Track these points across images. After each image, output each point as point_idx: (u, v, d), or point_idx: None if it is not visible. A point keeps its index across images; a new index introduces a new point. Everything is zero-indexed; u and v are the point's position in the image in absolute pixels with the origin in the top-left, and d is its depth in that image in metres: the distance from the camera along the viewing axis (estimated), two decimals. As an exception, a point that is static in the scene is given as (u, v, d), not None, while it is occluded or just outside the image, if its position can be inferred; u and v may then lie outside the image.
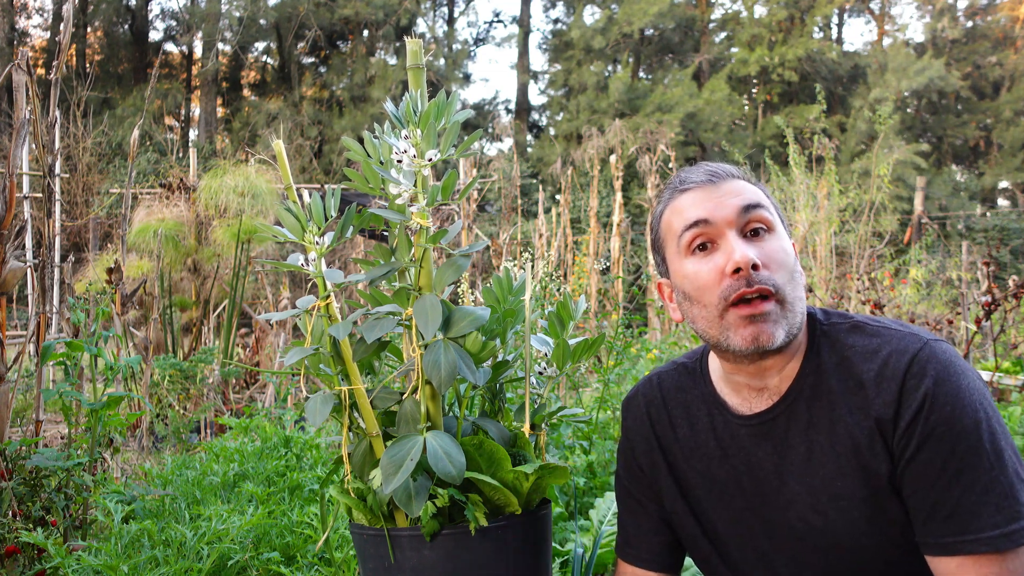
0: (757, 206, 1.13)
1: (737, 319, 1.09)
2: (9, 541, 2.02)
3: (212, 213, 6.35)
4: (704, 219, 1.12)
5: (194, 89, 25.13)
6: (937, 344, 1.07)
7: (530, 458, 1.21)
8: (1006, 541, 0.97)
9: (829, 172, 6.81)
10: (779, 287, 1.09)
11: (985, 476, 0.99)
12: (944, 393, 1.02)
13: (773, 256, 1.11)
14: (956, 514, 1.00)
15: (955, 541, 0.99)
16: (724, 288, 1.09)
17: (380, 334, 1.11)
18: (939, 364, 1.04)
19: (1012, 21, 25.16)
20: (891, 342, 1.09)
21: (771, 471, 1.15)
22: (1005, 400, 4.93)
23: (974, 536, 0.98)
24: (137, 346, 4.58)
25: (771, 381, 1.16)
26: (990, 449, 1.00)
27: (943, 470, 1.01)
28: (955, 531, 0.99)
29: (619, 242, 9.11)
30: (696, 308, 1.14)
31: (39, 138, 2.56)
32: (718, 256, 1.11)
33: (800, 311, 1.12)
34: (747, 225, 1.12)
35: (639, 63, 26.69)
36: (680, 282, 1.17)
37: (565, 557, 2.11)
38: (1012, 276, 5.52)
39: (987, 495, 0.99)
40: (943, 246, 12.81)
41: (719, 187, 1.14)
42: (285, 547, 1.99)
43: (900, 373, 1.05)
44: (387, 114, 1.13)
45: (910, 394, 1.04)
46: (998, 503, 0.98)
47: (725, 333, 1.11)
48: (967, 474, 1.00)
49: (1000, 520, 0.98)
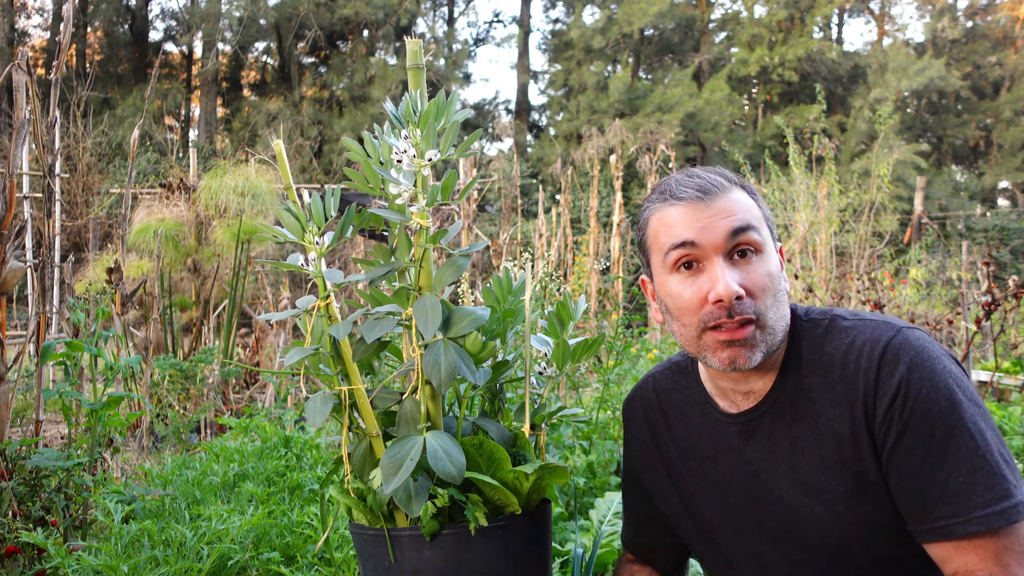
0: (747, 228, 1.11)
1: (715, 342, 1.10)
2: (9, 541, 2.02)
3: (212, 213, 6.36)
4: (691, 241, 1.11)
5: (194, 89, 25.14)
6: (910, 331, 1.08)
7: (530, 458, 1.21)
8: (998, 519, 0.97)
9: (829, 172, 6.80)
10: (760, 314, 1.09)
11: (969, 456, 0.99)
12: (919, 377, 1.03)
13: (757, 283, 1.10)
14: (945, 497, 1.00)
15: (948, 524, 0.99)
16: (704, 314, 1.10)
17: (380, 334, 1.11)
18: (912, 350, 1.05)
19: (1012, 21, 25.16)
20: (865, 332, 1.10)
21: (760, 468, 1.17)
22: (1005, 400, 4.92)
23: (965, 517, 0.98)
24: (137, 346, 4.58)
25: (755, 385, 1.18)
26: (971, 429, 1.01)
27: (926, 454, 1.01)
28: (947, 514, 1.00)
29: (619, 242, 9.11)
30: (676, 324, 1.16)
31: (39, 138, 2.56)
32: (703, 280, 1.11)
33: (781, 328, 1.12)
34: (735, 248, 1.11)
35: (639, 63, 26.69)
36: (663, 296, 1.17)
37: (565, 557, 2.11)
38: (1012, 276, 5.52)
39: (974, 475, 0.99)
40: (943, 246, 12.81)
41: (709, 206, 1.12)
42: (285, 547, 1.99)
43: (875, 362, 1.06)
44: (387, 114, 1.13)
45: (885, 381, 1.05)
46: (986, 482, 0.98)
47: (703, 353, 1.13)
48: (951, 456, 1.00)
49: (990, 498, 0.98)
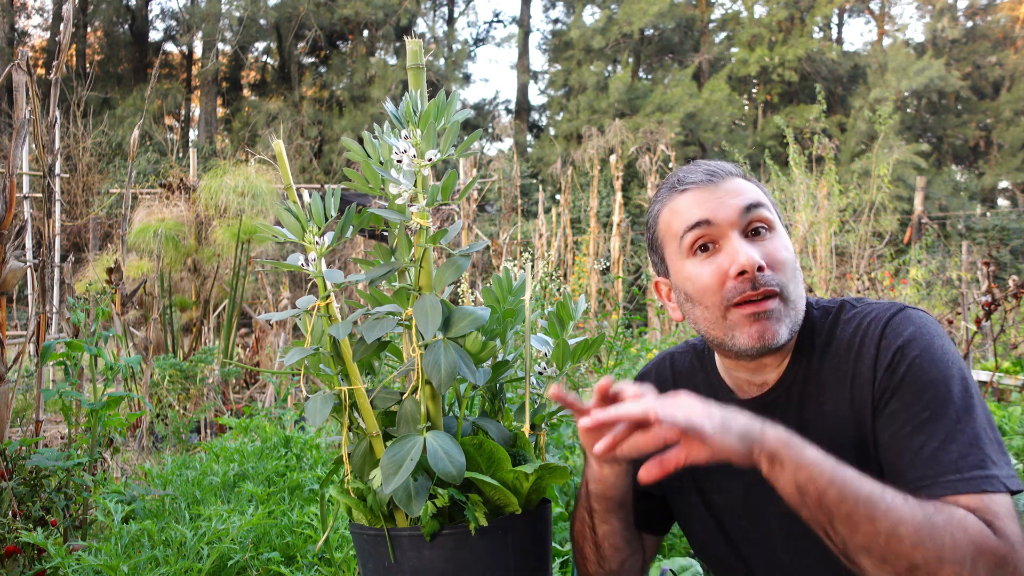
0: (758, 205, 1.13)
1: (741, 318, 1.10)
2: (9, 541, 2.02)
3: (212, 213, 6.36)
4: (706, 220, 1.12)
5: (194, 89, 25.13)
6: (913, 310, 1.10)
7: (530, 458, 1.21)
8: (966, 485, 0.95)
9: (829, 172, 6.80)
10: (783, 286, 1.10)
11: (949, 426, 0.99)
12: (915, 344, 1.05)
13: (776, 256, 1.11)
14: (917, 461, 0.99)
15: (915, 488, 0.97)
16: (728, 290, 1.10)
17: (380, 334, 1.11)
18: (913, 324, 1.07)
19: (1012, 21, 25.15)
20: (870, 313, 1.12)
21: None
22: (1005, 400, 4.92)
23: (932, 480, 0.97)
24: (137, 346, 4.58)
25: (770, 376, 1.18)
26: (957, 404, 1.01)
27: (908, 420, 1.01)
28: (916, 477, 0.98)
29: (619, 242, 9.10)
30: (698, 309, 1.15)
31: (39, 138, 2.56)
32: (721, 257, 1.11)
33: (801, 308, 1.13)
34: (749, 225, 1.12)
35: (639, 63, 26.69)
36: (681, 283, 1.17)
37: (565, 557, 2.11)
38: (1012, 276, 5.52)
39: (949, 444, 0.98)
40: (943, 246, 12.80)
41: (719, 187, 1.14)
42: (285, 547, 1.99)
43: (877, 335, 1.08)
44: (387, 114, 1.13)
45: (885, 352, 1.06)
46: (960, 451, 0.98)
47: (730, 332, 1.11)
48: (931, 424, 1.00)
49: (962, 466, 0.97)
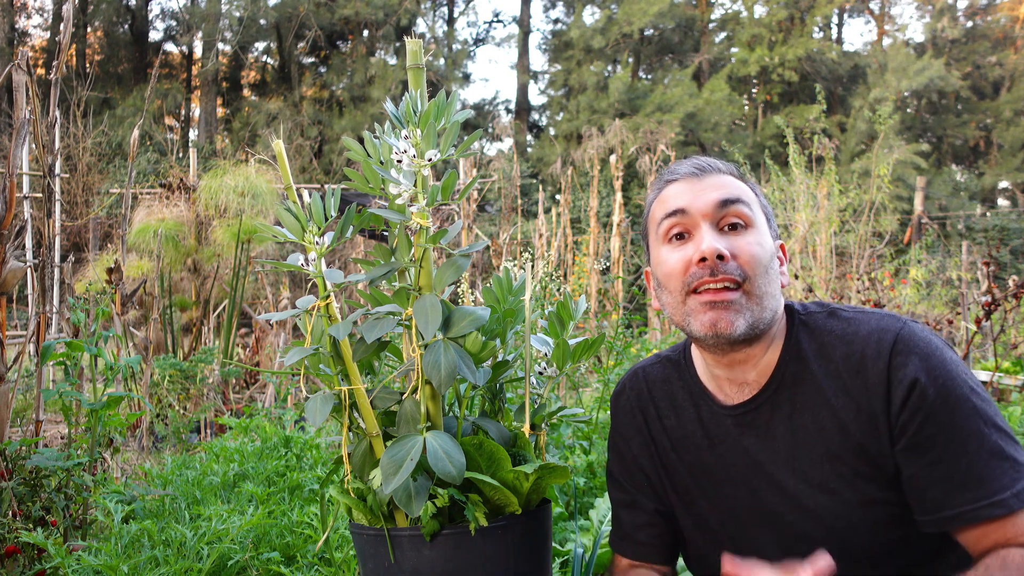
0: (737, 201, 1.15)
1: (698, 304, 1.12)
2: (9, 541, 2.02)
3: (212, 213, 6.36)
4: (682, 209, 1.15)
5: (194, 89, 25.13)
6: (914, 324, 1.11)
7: (530, 458, 1.21)
8: (1016, 500, 1.00)
9: (829, 172, 6.80)
10: (747, 278, 1.11)
11: (987, 442, 1.02)
12: (933, 368, 1.05)
13: (745, 249, 1.12)
14: (969, 482, 1.02)
15: (973, 508, 1.01)
16: (689, 276, 1.13)
17: (380, 334, 1.11)
18: (921, 342, 1.08)
19: (1012, 21, 25.15)
20: (869, 324, 1.12)
21: (758, 459, 1.16)
22: (1005, 400, 4.92)
23: (988, 500, 1.00)
24: (137, 346, 4.58)
25: (749, 375, 1.17)
26: (985, 416, 1.04)
27: (949, 442, 1.03)
28: (971, 499, 1.01)
29: (619, 242, 9.10)
30: (665, 294, 1.18)
31: (39, 138, 2.56)
32: (689, 246, 1.14)
33: (771, 307, 1.13)
34: (724, 219, 1.14)
35: (639, 63, 26.68)
36: (655, 268, 1.21)
37: (565, 557, 2.11)
38: (1012, 276, 5.52)
39: (992, 459, 1.02)
40: (943, 246, 12.81)
41: (702, 180, 1.17)
42: (285, 547, 1.99)
43: (885, 354, 1.08)
44: (387, 114, 1.13)
45: (898, 371, 1.06)
46: (1001, 464, 1.01)
47: (687, 319, 1.14)
48: (972, 442, 1.02)
49: (1008, 481, 1.01)
